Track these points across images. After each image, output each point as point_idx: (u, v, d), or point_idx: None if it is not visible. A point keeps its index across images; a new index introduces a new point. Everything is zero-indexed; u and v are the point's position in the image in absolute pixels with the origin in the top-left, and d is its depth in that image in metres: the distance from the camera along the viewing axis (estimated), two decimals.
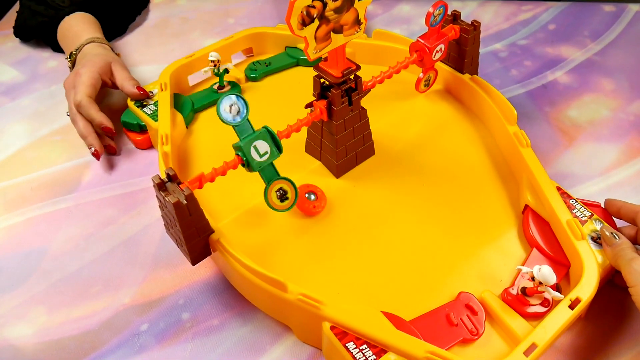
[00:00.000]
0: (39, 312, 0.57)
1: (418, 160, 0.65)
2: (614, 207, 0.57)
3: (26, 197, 0.68)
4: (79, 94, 0.69)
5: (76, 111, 0.69)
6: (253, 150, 0.53)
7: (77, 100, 0.68)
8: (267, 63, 0.79)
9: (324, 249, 0.57)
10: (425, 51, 0.65)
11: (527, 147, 0.61)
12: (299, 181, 0.62)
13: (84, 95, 0.69)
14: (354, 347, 0.47)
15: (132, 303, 0.57)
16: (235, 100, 0.51)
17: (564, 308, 0.49)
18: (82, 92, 0.69)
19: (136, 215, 0.65)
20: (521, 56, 0.84)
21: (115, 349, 0.54)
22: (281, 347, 0.53)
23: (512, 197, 0.61)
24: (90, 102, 0.68)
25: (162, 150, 0.62)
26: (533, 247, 0.56)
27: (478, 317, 0.51)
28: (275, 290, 0.49)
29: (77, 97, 0.68)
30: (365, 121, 0.61)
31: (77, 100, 0.68)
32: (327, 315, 0.48)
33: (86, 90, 0.69)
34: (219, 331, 0.54)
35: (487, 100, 0.67)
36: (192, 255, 0.52)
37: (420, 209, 0.60)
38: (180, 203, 0.47)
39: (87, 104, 0.68)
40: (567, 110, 0.75)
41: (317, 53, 0.52)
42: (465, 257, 0.56)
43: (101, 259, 0.61)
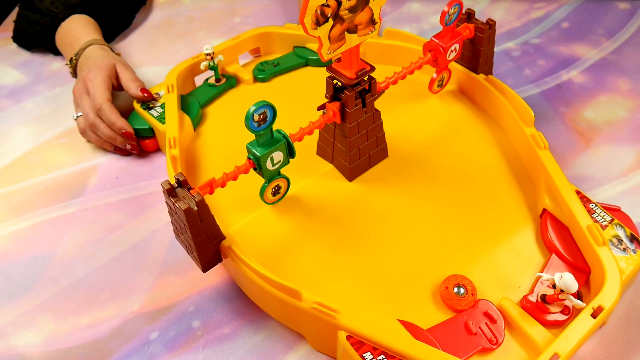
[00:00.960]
0: (46, 320, 0.56)
1: (432, 163, 0.64)
2: None
3: (31, 202, 0.67)
4: (98, 98, 0.68)
5: (95, 116, 0.68)
6: (269, 160, 0.52)
7: (98, 104, 0.67)
8: (276, 63, 0.77)
9: (338, 255, 0.55)
10: (440, 51, 0.63)
11: (545, 150, 0.59)
12: (310, 185, 0.61)
13: (104, 99, 0.68)
14: (371, 358, 0.46)
15: (141, 310, 0.56)
16: (266, 109, 0.50)
17: (586, 317, 0.47)
18: (102, 97, 0.68)
19: (144, 219, 0.64)
20: (534, 55, 0.83)
21: (125, 358, 0.52)
22: (294, 356, 0.52)
23: (530, 201, 0.60)
24: (111, 107, 0.68)
25: (170, 154, 0.61)
26: (552, 252, 0.55)
27: (497, 325, 0.50)
28: (289, 299, 0.48)
29: (97, 102, 0.68)
30: (379, 123, 0.59)
31: (98, 105, 0.67)
32: (343, 324, 0.46)
33: (105, 95, 0.68)
34: (230, 340, 0.53)
35: (502, 101, 0.65)
36: (203, 262, 0.51)
37: (435, 214, 0.59)
38: (191, 210, 0.46)
39: (109, 109, 0.68)
40: (583, 111, 0.74)
41: (331, 54, 0.50)
42: (482, 263, 0.55)
43: (109, 265, 0.60)
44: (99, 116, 0.68)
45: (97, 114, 0.68)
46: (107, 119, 0.68)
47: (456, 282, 0.52)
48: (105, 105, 0.67)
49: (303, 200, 0.60)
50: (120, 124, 0.67)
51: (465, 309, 0.51)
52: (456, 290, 0.52)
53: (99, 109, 0.67)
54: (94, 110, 0.68)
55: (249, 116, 0.49)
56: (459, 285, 0.52)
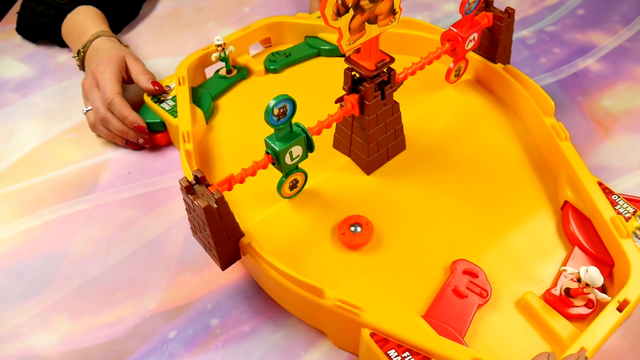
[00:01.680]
0: (62, 320, 0.55)
1: (450, 155, 0.63)
2: None
3: (42, 199, 0.65)
4: (108, 92, 0.66)
5: (106, 110, 0.67)
6: (287, 155, 0.51)
7: (109, 98, 0.66)
8: (287, 54, 0.76)
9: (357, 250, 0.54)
10: (458, 40, 0.62)
11: (566, 141, 0.58)
12: (327, 179, 0.60)
13: (115, 93, 0.67)
14: (395, 355, 0.45)
15: (158, 309, 0.55)
16: (286, 102, 0.48)
17: (612, 310, 0.47)
18: (113, 90, 0.67)
19: (158, 216, 0.63)
20: (550, 43, 0.81)
21: (143, 358, 0.52)
22: (316, 353, 0.51)
23: (550, 193, 0.59)
24: (122, 100, 0.67)
25: (185, 149, 0.60)
26: (574, 245, 0.54)
27: (480, 278, 0.51)
28: (311, 296, 0.47)
29: (108, 96, 0.66)
30: (397, 115, 0.58)
31: (109, 99, 0.66)
32: (367, 321, 0.46)
33: (116, 88, 0.67)
34: (250, 337, 0.52)
35: (521, 90, 0.64)
36: (222, 259, 0.50)
37: (455, 206, 0.58)
38: (211, 207, 0.45)
39: (120, 102, 0.66)
40: (601, 100, 0.72)
41: (351, 45, 0.49)
42: (503, 256, 0.54)
43: (123, 263, 0.59)
44: (110, 110, 0.67)
45: (108, 108, 0.67)
46: (118, 113, 0.66)
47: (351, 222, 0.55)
48: (117, 99, 0.66)
49: (320, 194, 0.59)
50: (132, 118, 0.66)
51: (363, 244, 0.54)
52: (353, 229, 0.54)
53: (110, 102, 0.66)
54: (105, 104, 0.67)
55: (268, 110, 0.48)
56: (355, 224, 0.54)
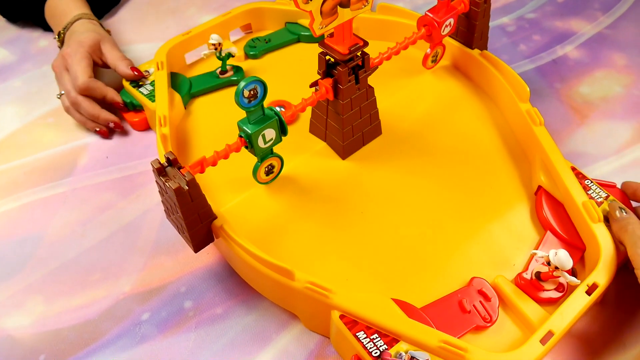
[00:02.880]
0: (36, 302, 0.55)
1: (426, 140, 0.63)
2: (630, 189, 0.55)
3: (20, 182, 0.65)
4: (79, 78, 0.66)
5: (77, 94, 0.67)
6: (260, 138, 0.51)
7: (83, 83, 0.66)
8: (267, 40, 0.76)
9: (331, 234, 0.55)
10: (434, 25, 0.62)
11: (541, 126, 0.59)
12: (303, 163, 0.60)
13: (85, 77, 0.66)
14: (364, 337, 0.45)
15: (132, 291, 0.55)
16: (256, 84, 0.48)
17: (581, 294, 0.47)
18: (84, 74, 0.67)
19: (135, 199, 0.63)
20: (529, 30, 0.82)
21: (115, 339, 0.52)
22: (287, 336, 0.51)
23: (525, 178, 0.59)
24: (95, 81, 0.67)
25: (161, 133, 0.60)
26: (547, 229, 0.54)
27: (491, 303, 0.50)
28: (281, 279, 0.47)
29: (79, 82, 0.66)
30: (372, 100, 0.58)
31: (83, 83, 0.66)
32: (337, 303, 0.46)
33: (87, 72, 0.67)
34: (222, 320, 0.53)
35: (497, 76, 0.64)
36: (195, 242, 0.50)
37: (430, 191, 0.58)
38: (182, 189, 0.45)
39: (94, 83, 0.67)
40: (579, 86, 0.73)
41: (323, 28, 0.49)
42: (477, 240, 0.54)
43: (99, 246, 0.59)
44: (89, 94, 0.67)
45: (84, 92, 0.67)
46: (98, 94, 0.66)
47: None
48: (89, 82, 0.66)
49: (296, 178, 0.59)
50: (111, 95, 0.67)
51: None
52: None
53: (84, 87, 0.66)
54: (77, 89, 0.66)
55: (238, 92, 0.48)
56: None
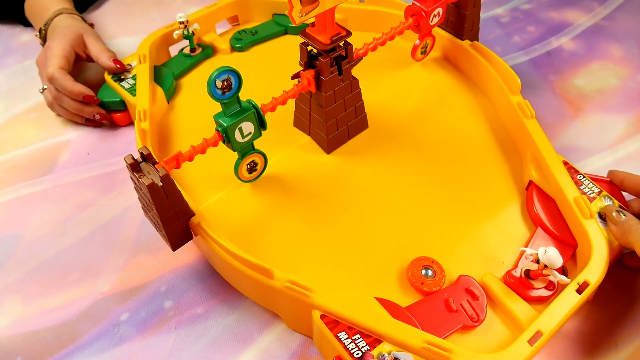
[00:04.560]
0: (13, 302, 0.54)
1: (415, 134, 0.61)
2: (618, 179, 0.53)
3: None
4: (50, 67, 0.64)
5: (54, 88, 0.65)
6: (237, 131, 0.49)
7: (50, 73, 0.64)
8: (254, 32, 0.74)
9: (314, 231, 0.53)
10: (422, 15, 0.60)
11: (532, 119, 0.57)
12: (286, 158, 0.58)
13: (55, 67, 0.64)
14: (345, 337, 0.44)
15: (111, 291, 0.54)
16: (230, 75, 0.47)
17: (571, 292, 0.46)
18: (54, 65, 0.65)
19: (115, 196, 0.61)
20: (524, 21, 0.80)
21: (94, 341, 0.51)
22: (269, 336, 0.50)
23: (516, 173, 0.58)
24: (63, 74, 0.64)
25: (140, 128, 0.58)
26: (537, 226, 0.53)
27: (479, 302, 0.48)
28: (261, 277, 0.46)
29: (49, 71, 0.64)
30: (357, 92, 0.57)
31: (50, 74, 0.64)
32: (317, 303, 0.45)
33: (58, 63, 0.65)
34: (203, 320, 0.51)
35: (488, 68, 0.62)
36: (172, 240, 0.49)
37: (417, 187, 0.57)
38: (155, 185, 0.43)
39: (61, 76, 0.64)
40: (573, 79, 0.71)
41: (303, 17, 0.47)
42: (465, 237, 0.53)
43: (79, 245, 0.57)
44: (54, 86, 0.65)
45: (51, 84, 0.65)
46: (62, 88, 0.64)
47: (423, 264, 0.50)
48: (57, 73, 0.64)
49: (278, 174, 0.57)
50: (77, 89, 0.64)
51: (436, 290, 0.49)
52: (424, 273, 0.50)
53: (50, 78, 0.64)
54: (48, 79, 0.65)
55: (210, 82, 0.46)
56: (427, 267, 0.50)
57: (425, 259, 0.50)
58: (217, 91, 0.46)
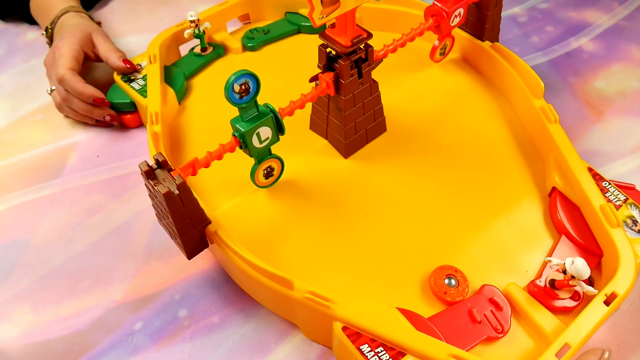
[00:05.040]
0: (23, 311, 0.52)
1: (433, 138, 0.60)
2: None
3: (6, 184, 0.62)
4: (59, 68, 0.63)
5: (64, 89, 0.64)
6: (255, 136, 0.47)
7: (59, 74, 0.62)
8: (266, 31, 0.73)
9: (332, 238, 0.52)
10: (443, 16, 0.59)
11: (555, 123, 0.56)
12: (303, 162, 0.57)
13: (65, 68, 0.63)
14: (368, 350, 0.42)
15: (124, 299, 0.52)
16: (248, 78, 0.45)
17: (599, 304, 0.44)
18: (64, 66, 0.63)
19: (126, 201, 0.60)
20: (542, 21, 0.78)
21: (107, 351, 0.49)
22: (288, 346, 0.49)
23: (538, 179, 0.56)
24: (73, 75, 0.63)
25: (152, 131, 0.56)
26: (561, 234, 0.52)
27: (503, 312, 0.47)
28: (280, 288, 0.44)
29: (59, 72, 0.63)
30: (376, 95, 0.55)
31: (60, 75, 0.62)
32: (339, 314, 0.43)
33: (67, 63, 0.63)
34: (219, 329, 0.50)
35: (509, 70, 0.61)
36: (188, 248, 0.47)
37: (437, 193, 0.55)
38: (172, 193, 0.42)
39: (71, 77, 0.62)
40: (594, 81, 0.69)
41: (324, 18, 0.46)
42: (487, 245, 0.51)
43: (89, 251, 0.56)
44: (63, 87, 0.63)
45: (61, 85, 0.63)
46: (72, 89, 0.63)
47: (446, 273, 0.49)
48: (67, 74, 0.62)
49: (295, 178, 0.56)
50: (88, 92, 0.62)
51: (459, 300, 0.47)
52: (447, 282, 0.48)
53: (60, 79, 0.63)
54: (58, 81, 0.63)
55: (228, 87, 0.44)
56: (450, 276, 0.48)
57: (448, 267, 0.49)
58: (234, 95, 0.45)
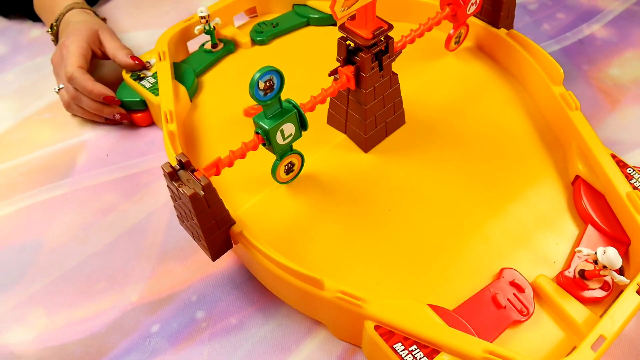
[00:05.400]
0: (38, 314, 0.51)
1: (452, 128, 0.59)
2: None
3: (16, 184, 0.61)
4: (68, 66, 0.61)
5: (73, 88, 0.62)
6: (279, 133, 0.46)
7: (69, 73, 0.61)
8: (274, 24, 0.71)
9: (357, 234, 0.51)
10: (460, 4, 0.57)
11: (577, 110, 0.55)
12: (322, 158, 0.56)
13: (74, 67, 0.61)
14: (402, 349, 0.41)
15: (140, 301, 0.51)
16: (272, 75, 0.44)
17: (632, 294, 0.44)
18: (73, 64, 0.61)
19: (139, 200, 0.58)
20: (553, 8, 0.77)
21: (124, 354, 0.48)
22: (309, 346, 0.48)
23: (560, 167, 0.55)
24: (83, 73, 0.61)
25: (168, 130, 0.55)
26: (586, 222, 0.51)
27: (526, 294, 0.47)
28: (310, 288, 0.43)
29: (68, 69, 0.61)
30: (396, 87, 0.54)
31: (69, 73, 0.61)
32: (371, 314, 0.42)
33: (77, 62, 0.62)
34: (238, 331, 0.49)
35: (527, 58, 0.60)
36: (213, 250, 0.46)
37: (459, 184, 0.54)
38: (198, 195, 0.41)
39: (81, 76, 0.61)
40: (608, 68, 0.68)
41: (345, 11, 0.44)
42: (513, 236, 0.51)
43: (103, 252, 0.55)
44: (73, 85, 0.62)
45: (70, 83, 0.62)
46: (82, 88, 0.61)
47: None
48: (77, 72, 0.61)
49: (315, 174, 0.55)
50: (98, 90, 0.61)
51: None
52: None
53: (70, 78, 0.61)
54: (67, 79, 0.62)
55: (253, 84, 0.43)
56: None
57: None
58: (259, 93, 0.43)
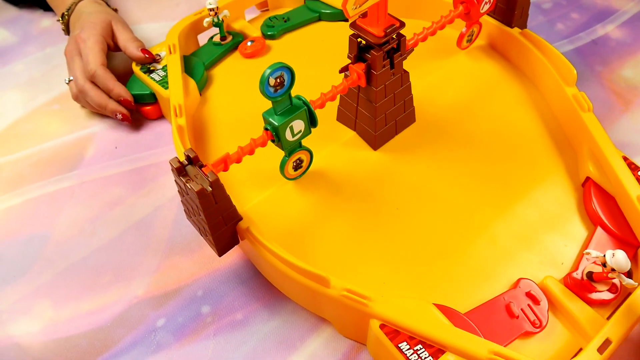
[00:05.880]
0: (44, 307, 0.51)
1: (463, 127, 0.58)
2: None
3: (24, 176, 0.61)
4: (91, 63, 0.61)
5: (85, 81, 0.62)
6: (288, 130, 0.46)
7: (92, 70, 0.61)
8: (286, 18, 0.71)
9: (364, 232, 0.50)
10: (473, 3, 0.57)
11: (589, 112, 0.54)
12: (331, 155, 0.55)
13: (98, 64, 0.61)
14: (407, 348, 0.41)
15: (146, 295, 0.51)
16: (283, 71, 0.43)
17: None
18: (96, 62, 0.61)
19: (146, 194, 0.58)
20: (567, 8, 0.76)
21: (130, 348, 0.48)
22: (315, 343, 0.48)
23: (571, 169, 0.55)
24: (106, 72, 0.62)
25: (177, 124, 0.55)
26: (596, 224, 0.50)
27: (540, 306, 0.46)
28: (316, 286, 0.43)
29: (91, 67, 0.61)
30: (407, 85, 0.53)
31: (92, 70, 0.61)
32: (376, 312, 0.42)
33: (99, 58, 0.62)
34: (243, 326, 0.49)
35: (540, 58, 0.59)
36: (219, 246, 0.46)
37: (467, 184, 0.54)
38: (205, 191, 0.41)
39: (104, 74, 0.61)
40: (622, 69, 0.68)
41: (357, 9, 0.44)
42: (522, 237, 0.50)
43: (110, 245, 0.55)
44: (92, 82, 0.62)
45: (91, 80, 0.62)
46: (103, 86, 0.62)
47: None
48: (100, 70, 0.61)
49: (323, 172, 0.54)
50: (117, 91, 0.61)
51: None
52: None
53: (92, 74, 0.61)
54: (87, 76, 0.62)
55: (264, 80, 0.43)
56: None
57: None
58: (269, 89, 0.43)
